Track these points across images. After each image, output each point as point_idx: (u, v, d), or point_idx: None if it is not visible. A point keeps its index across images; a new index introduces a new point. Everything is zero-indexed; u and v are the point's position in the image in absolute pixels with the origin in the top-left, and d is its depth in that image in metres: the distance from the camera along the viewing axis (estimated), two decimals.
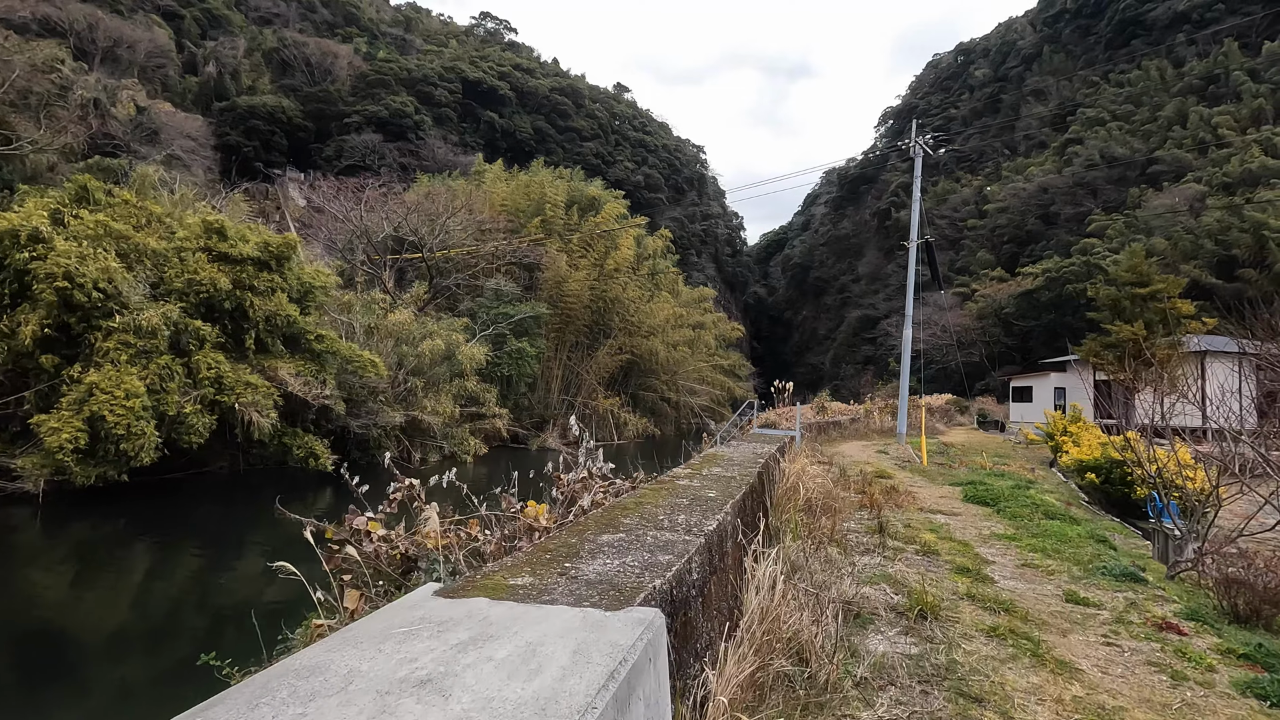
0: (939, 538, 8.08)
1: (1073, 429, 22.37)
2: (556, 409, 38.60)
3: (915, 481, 12.71)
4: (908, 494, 10.63)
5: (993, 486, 11.51)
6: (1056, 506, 10.04)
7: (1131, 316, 23.07)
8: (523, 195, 40.42)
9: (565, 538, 3.63)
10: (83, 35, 62.61)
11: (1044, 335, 66.53)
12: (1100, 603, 5.98)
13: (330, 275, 23.25)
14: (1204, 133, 77.48)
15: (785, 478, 8.78)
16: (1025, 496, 10.48)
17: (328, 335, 21.17)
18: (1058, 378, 35.74)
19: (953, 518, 9.35)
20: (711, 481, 5.87)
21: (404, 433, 26.99)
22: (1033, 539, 8.18)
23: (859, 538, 7.99)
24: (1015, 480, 13.52)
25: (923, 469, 14.86)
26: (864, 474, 12.68)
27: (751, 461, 7.44)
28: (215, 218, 19.87)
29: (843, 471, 12.08)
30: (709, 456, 7.86)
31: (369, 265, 31.18)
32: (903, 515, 9.35)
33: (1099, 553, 7.64)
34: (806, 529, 7.30)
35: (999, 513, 9.65)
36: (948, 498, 10.91)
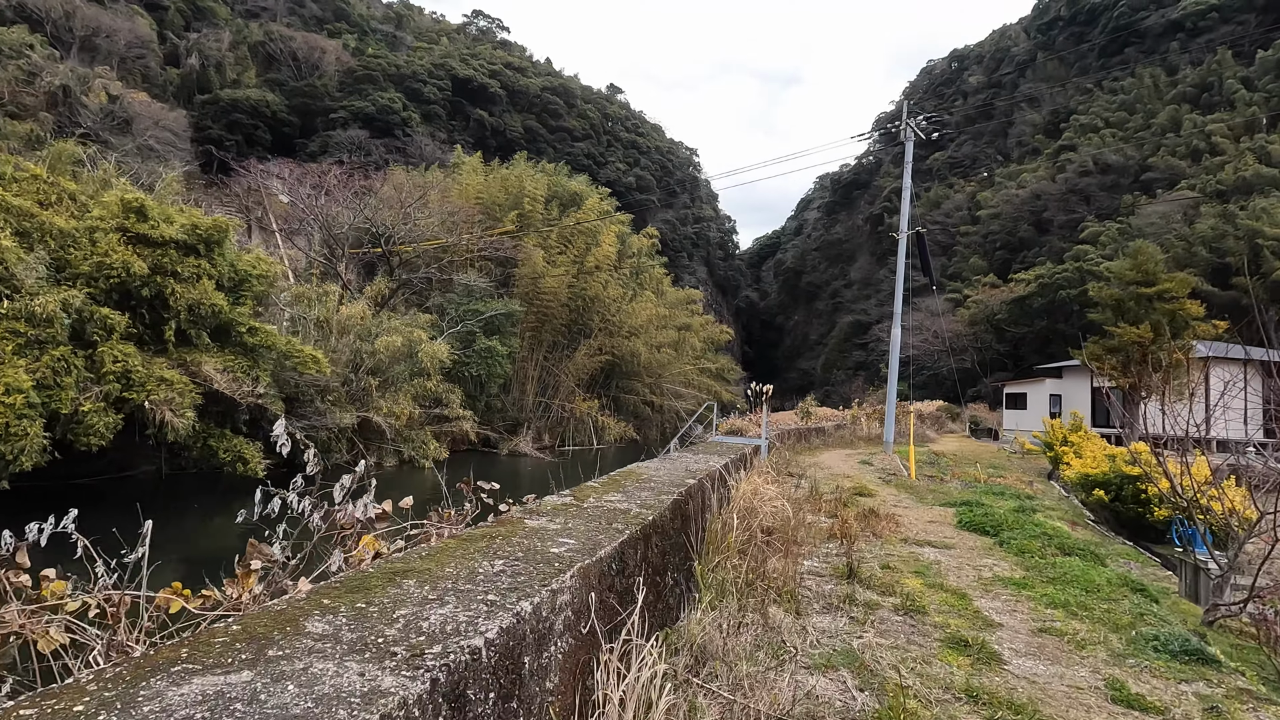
0: (927, 584, 6.06)
1: (1073, 439, 20.42)
2: (532, 412, 36.53)
3: (901, 500, 10.70)
4: (890, 518, 8.61)
5: (992, 509, 9.51)
6: (1071, 537, 8.03)
7: (1136, 318, 21.16)
8: (500, 188, 38.35)
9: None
10: (59, 23, 60.48)
11: (1036, 342, 64.91)
12: (1163, 705, 3.97)
13: (274, 264, 21.20)
14: (1198, 140, 76.16)
15: (731, 503, 6.76)
16: (1032, 523, 8.47)
17: (262, 328, 19.08)
18: (1053, 384, 33.85)
19: (945, 552, 7.34)
20: (587, 520, 3.85)
21: (359, 435, 24.90)
22: (1049, 586, 6.17)
23: (822, 584, 5.96)
24: (1016, 499, 11.52)
25: (910, 484, 12.84)
26: (840, 491, 10.68)
27: (675, 484, 5.43)
28: (135, 196, 17.82)
29: (814, 488, 10.07)
30: (623, 474, 5.84)
31: (327, 255, 29.08)
32: (882, 548, 7.33)
33: (1139, 610, 5.62)
34: (746, 579, 5.28)
35: (1002, 545, 7.64)
36: (939, 523, 8.89)
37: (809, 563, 6.66)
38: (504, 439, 32.96)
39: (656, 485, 5.35)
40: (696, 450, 8.56)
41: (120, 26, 64.29)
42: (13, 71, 48.35)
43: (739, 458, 8.92)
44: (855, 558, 6.69)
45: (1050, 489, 18.87)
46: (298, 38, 76.39)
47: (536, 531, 3.49)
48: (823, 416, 26.79)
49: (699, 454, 8.18)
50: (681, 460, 7.19)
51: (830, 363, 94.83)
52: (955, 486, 15.68)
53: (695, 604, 4.81)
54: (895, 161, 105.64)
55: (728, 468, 7.43)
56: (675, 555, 4.68)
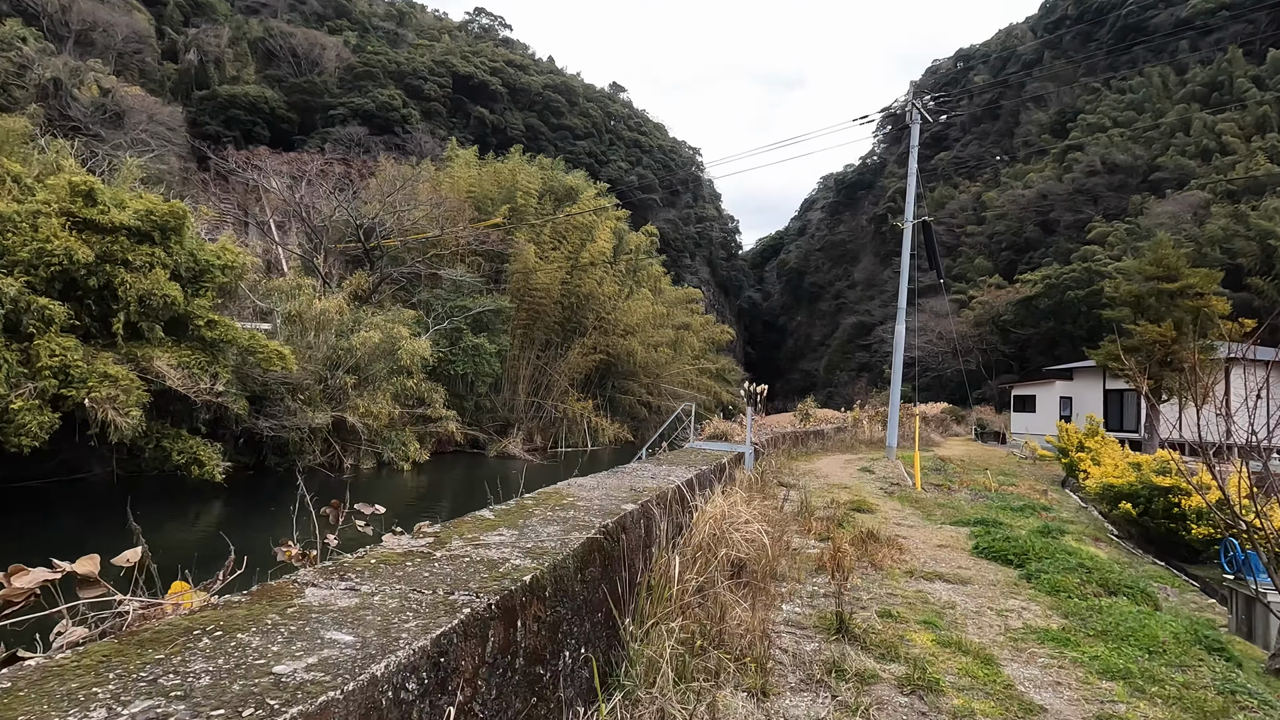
0: (940, 640, 4.61)
1: (1090, 444, 18.90)
2: (523, 412, 35.14)
3: (905, 517, 9.24)
4: (893, 542, 7.16)
5: (1012, 530, 8.04)
6: (1114, 570, 6.56)
7: (1157, 315, 19.60)
8: (492, 182, 36.95)
9: None
10: (55, 17, 59.42)
11: (1043, 343, 63.27)
12: None
13: (240, 254, 19.85)
14: (1208, 140, 74.45)
15: (691, 532, 5.33)
16: (1062, 550, 6.99)
17: (222, 321, 17.73)
18: (1064, 386, 32.27)
19: (960, 590, 5.89)
20: (421, 585, 2.43)
21: (335, 436, 23.55)
22: (1098, 642, 4.72)
23: (802, 642, 4.52)
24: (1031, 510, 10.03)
25: (915, 496, 11.35)
26: (835, 506, 9.23)
27: (605, 512, 4.01)
28: (84, 179, 16.51)
29: (804, 504, 8.61)
30: (541, 497, 4.40)
31: (308, 247, 27.71)
32: (884, 584, 5.88)
33: (1225, 682, 4.16)
34: (695, 644, 3.85)
35: (1030, 580, 6.18)
36: (951, 548, 7.43)
37: (790, 607, 5.21)
38: (493, 440, 31.55)
39: (577, 514, 3.92)
40: (661, 461, 7.12)
41: (118, 21, 63.21)
42: (3, 63, 47.28)
43: (714, 468, 7.48)
44: (849, 599, 5.25)
45: (1066, 498, 17.38)
46: (298, 34, 75.25)
47: (305, 614, 2.07)
48: (823, 419, 25.31)
49: (662, 465, 6.75)
50: (632, 475, 5.75)
51: (833, 364, 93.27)
52: (964, 497, 14.21)
53: (616, 687, 3.38)
54: (900, 162, 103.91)
55: (693, 483, 5.99)
56: (584, 623, 3.25)
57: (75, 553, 2.34)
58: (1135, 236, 68.36)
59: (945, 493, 14.24)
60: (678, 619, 3.91)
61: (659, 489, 5.01)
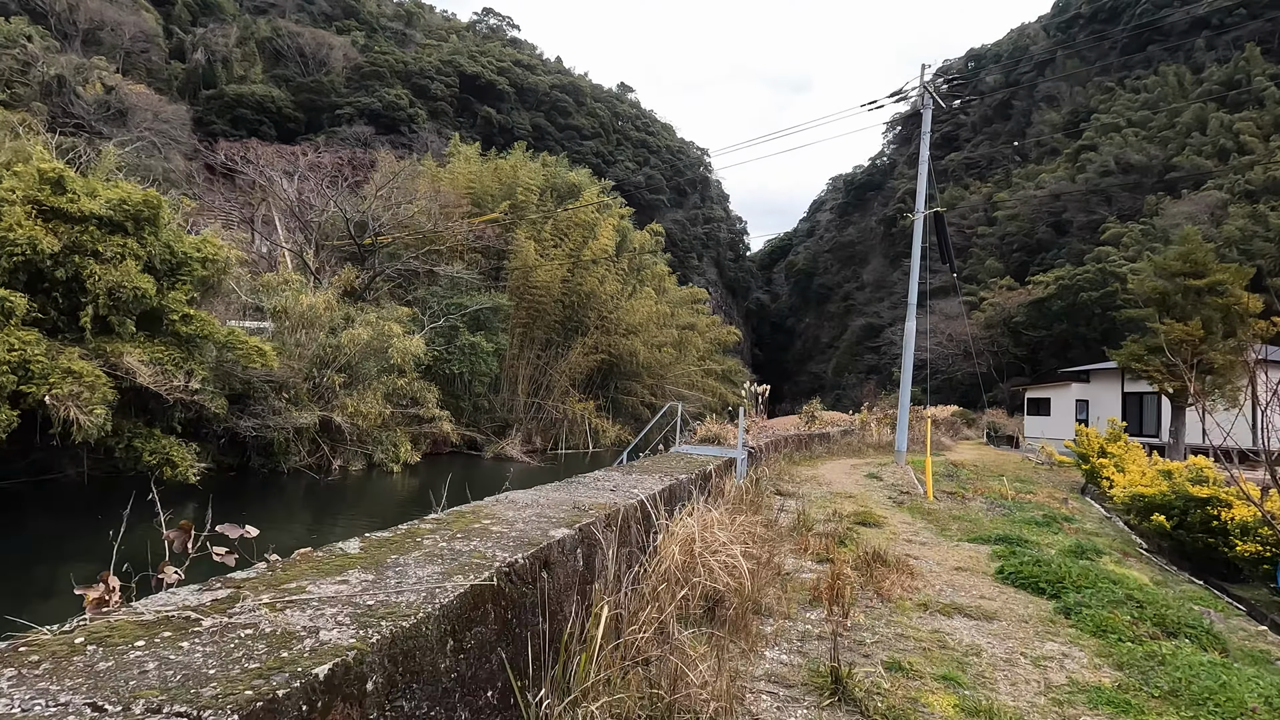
0: (965, 708, 3.56)
1: (1112, 449, 17.71)
2: (523, 413, 34.18)
3: (916, 532, 8.17)
4: (903, 564, 6.11)
5: (1039, 549, 6.96)
6: (1169, 603, 5.47)
7: (1184, 314, 18.40)
8: (493, 178, 36.04)
9: None
10: (63, 16, 59.17)
11: (1055, 346, 61.84)
12: None
13: (222, 247, 19.00)
14: (1225, 139, 72.74)
15: (658, 558, 4.31)
16: (1103, 577, 5.89)
17: (198, 316, 16.85)
18: (1080, 389, 30.98)
19: (985, 629, 4.84)
20: None
21: (324, 436, 22.66)
22: (1166, 706, 3.67)
23: (785, 712, 3.47)
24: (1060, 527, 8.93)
25: (928, 507, 10.26)
26: (838, 518, 8.17)
27: (523, 543, 3.00)
28: (53, 166, 15.71)
29: (802, 517, 7.56)
30: (450, 519, 3.39)
31: (296, 241, 26.88)
32: (892, 623, 4.83)
33: None
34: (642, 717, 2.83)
35: (1068, 615, 5.11)
36: (970, 571, 6.37)
37: (775, 653, 4.17)
38: (490, 442, 30.59)
39: (480, 546, 2.91)
40: (632, 469, 6.09)
41: (126, 20, 62.96)
42: (8, 61, 46.90)
43: (697, 477, 6.45)
44: (849, 643, 4.21)
45: (1088, 508, 16.21)
46: (305, 34, 74.82)
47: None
48: (829, 421, 24.19)
49: (632, 474, 5.72)
50: (587, 486, 4.73)
51: (841, 366, 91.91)
52: (980, 507, 13.09)
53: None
54: (910, 162, 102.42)
55: (662, 498, 4.96)
56: (459, 713, 2.25)
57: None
58: (1150, 237, 66.81)
59: (959, 502, 13.14)
60: (619, 681, 2.89)
61: (611, 507, 3.99)
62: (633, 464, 6.61)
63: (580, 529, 3.46)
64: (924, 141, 16.52)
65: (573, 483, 4.95)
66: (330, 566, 2.49)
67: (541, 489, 4.53)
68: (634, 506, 4.32)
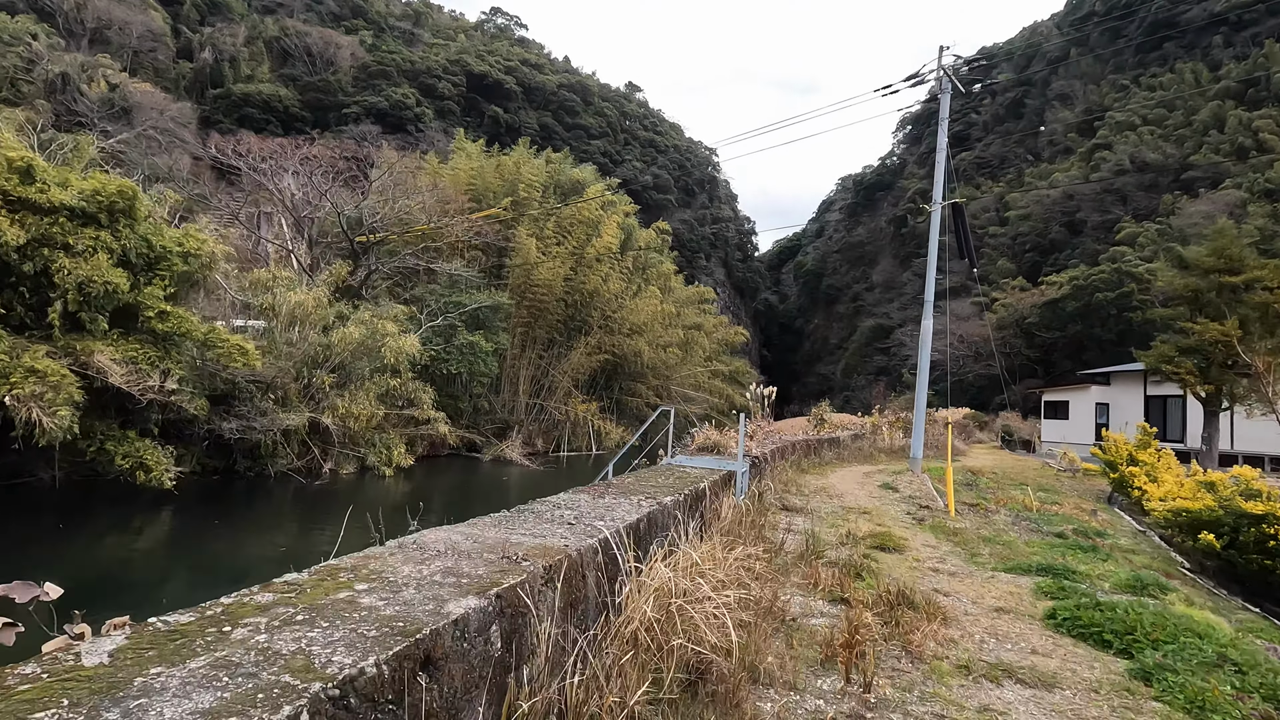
0: None
1: (1143, 457, 16.51)
2: (524, 414, 33.21)
3: (942, 557, 7.08)
4: (933, 606, 5.03)
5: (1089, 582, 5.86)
6: (1273, 666, 4.37)
7: (1218, 312, 17.16)
8: (494, 174, 35.07)
9: None
10: (70, 15, 58.78)
11: (1069, 347, 60.39)
12: None
13: (206, 241, 18.11)
14: (1243, 137, 70.93)
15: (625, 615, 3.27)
16: (1183, 627, 4.77)
17: (175, 312, 15.94)
18: (1100, 391, 29.67)
19: (1044, 699, 3.76)
20: None
21: (313, 438, 21.75)
22: None
23: None
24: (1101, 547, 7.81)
25: (952, 526, 9.14)
26: (852, 540, 7.09)
27: (405, 625, 1.99)
28: (21, 154, 14.87)
29: (811, 541, 6.49)
30: (321, 576, 2.38)
31: (286, 236, 25.99)
32: (924, 693, 3.76)
33: None
34: None
35: (1148, 680, 4.03)
36: (1013, 613, 5.28)
37: None
38: (489, 444, 29.63)
39: (323, 640, 1.88)
40: (607, 489, 5.04)
41: (133, 20, 62.54)
42: (12, 59, 46.45)
43: (687, 499, 5.40)
44: None
45: (1118, 520, 15.03)
46: (313, 33, 74.23)
47: None
48: (839, 425, 23.06)
49: (604, 497, 4.67)
50: (536, 519, 3.68)
51: (851, 367, 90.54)
52: (1005, 521, 11.98)
53: None
54: (920, 162, 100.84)
55: (632, 533, 3.92)
56: None
57: None
58: (1167, 237, 65.25)
59: (982, 515, 12.02)
60: None
61: (557, 553, 2.95)
62: (611, 482, 5.57)
63: (500, 595, 2.42)
64: (941, 128, 15.40)
65: (523, 512, 3.92)
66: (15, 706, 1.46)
67: (475, 524, 3.50)
68: (592, 550, 3.28)
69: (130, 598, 10.85)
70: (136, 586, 11.34)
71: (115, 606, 2.03)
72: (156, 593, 10.37)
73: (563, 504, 4.29)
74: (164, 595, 10.03)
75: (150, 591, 10.64)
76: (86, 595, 9.91)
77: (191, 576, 11.52)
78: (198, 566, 12.04)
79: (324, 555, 2.81)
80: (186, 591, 10.71)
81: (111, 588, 10.88)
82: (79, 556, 12.47)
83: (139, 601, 10.82)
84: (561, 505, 4.24)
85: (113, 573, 11.51)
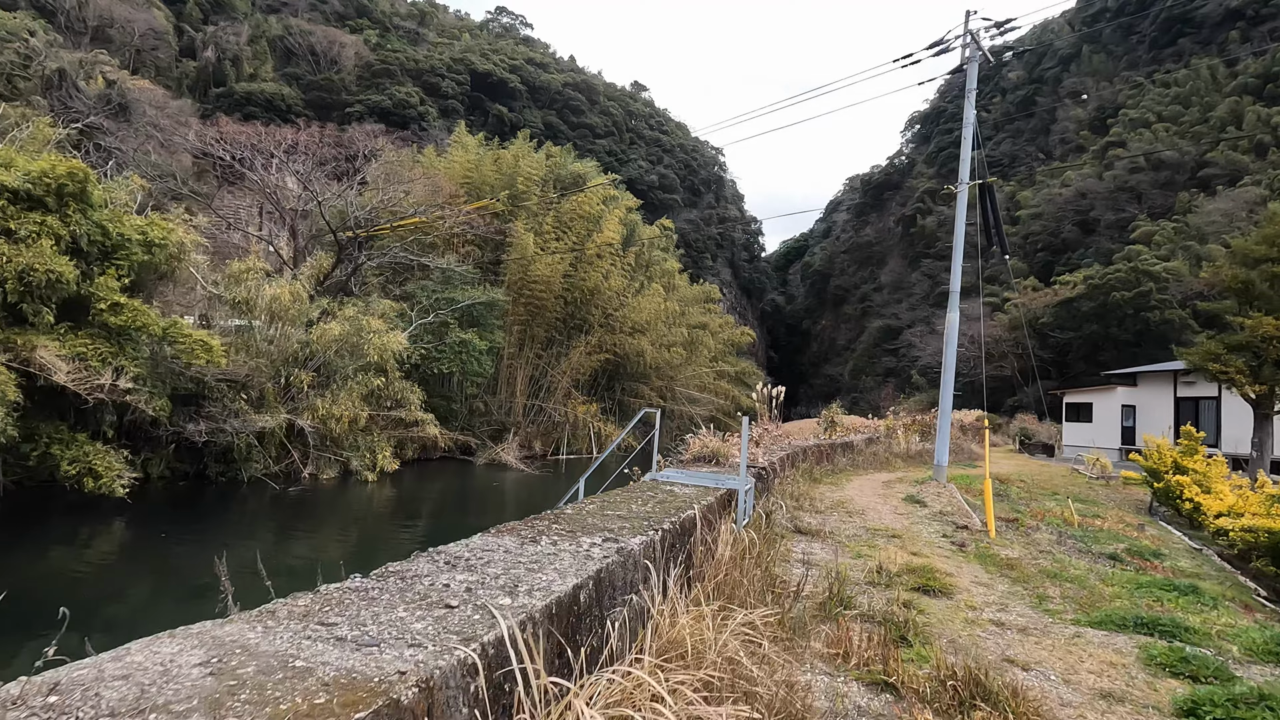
0: None
1: (1189, 464, 14.86)
2: (522, 416, 31.72)
3: (1004, 605, 5.48)
4: (1013, 690, 3.48)
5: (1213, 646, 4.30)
6: None
7: (1272, 306, 15.48)
8: (492, 167, 33.62)
9: None
10: (71, 13, 57.85)
11: (1084, 348, 58.52)
12: None
13: (173, 229, 16.72)
14: (1262, 134, 68.78)
15: None
16: None
17: (130, 305, 14.54)
18: (1125, 393, 27.88)
19: None
20: None
21: (293, 441, 20.33)
22: None
23: None
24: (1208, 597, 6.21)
25: (1002, 555, 7.53)
26: (884, 577, 5.54)
27: None
28: None
29: (835, 583, 4.94)
30: None
31: (261, 229, 24.63)
32: None
33: None
34: None
35: None
36: (1129, 704, 3.71)
37: None
38: (484, 446, 28.15)
39: None
40: (553, 522, 3.50)
41: (136, 18, 61.57)
42: (9, 55, 45.47)
43: (669, 534, 3.86)
44: None
45: (1166, 534, 13.37)
46: (317, 32, 73.19)
47: None
48: (851, 428, 21.43)
49: (543, 539, 3.14)
50: (378, 601, 2.14)
51: (858, 369, 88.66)
52: (1048, 538, 10.37)
53: None
54: (928, 162, 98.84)
55: (555, 618, 2.38)
56: None
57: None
58: (1184, 235, 63.34)
59: (1022, 533, 10.43)
60: None
61: (377, 698, 1.43)
62: (563, 513, 4.02)
63: None
64: (968, 100, 13.82)
65: (377, 584, 2.38)
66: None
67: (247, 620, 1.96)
68: (462, 673, 1.74)
69: (42, 623, 9.41)
70: (49, 608, 9.92)
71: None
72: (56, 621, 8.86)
73: (463, 560, 2.75)
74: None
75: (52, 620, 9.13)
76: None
77: (101, 610, 10.02)
78: (114, 594, 10.56)
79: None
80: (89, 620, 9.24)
81: (30, 609, 9.43)
82: (8, 574, 11.04)
83: (48, 627, 9.36)
84: (459, 563, 2.70)
85: (35, 592, 10.07)
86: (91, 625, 8.73)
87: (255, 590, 3.90)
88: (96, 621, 9.27)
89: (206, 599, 10.94)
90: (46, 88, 45.90)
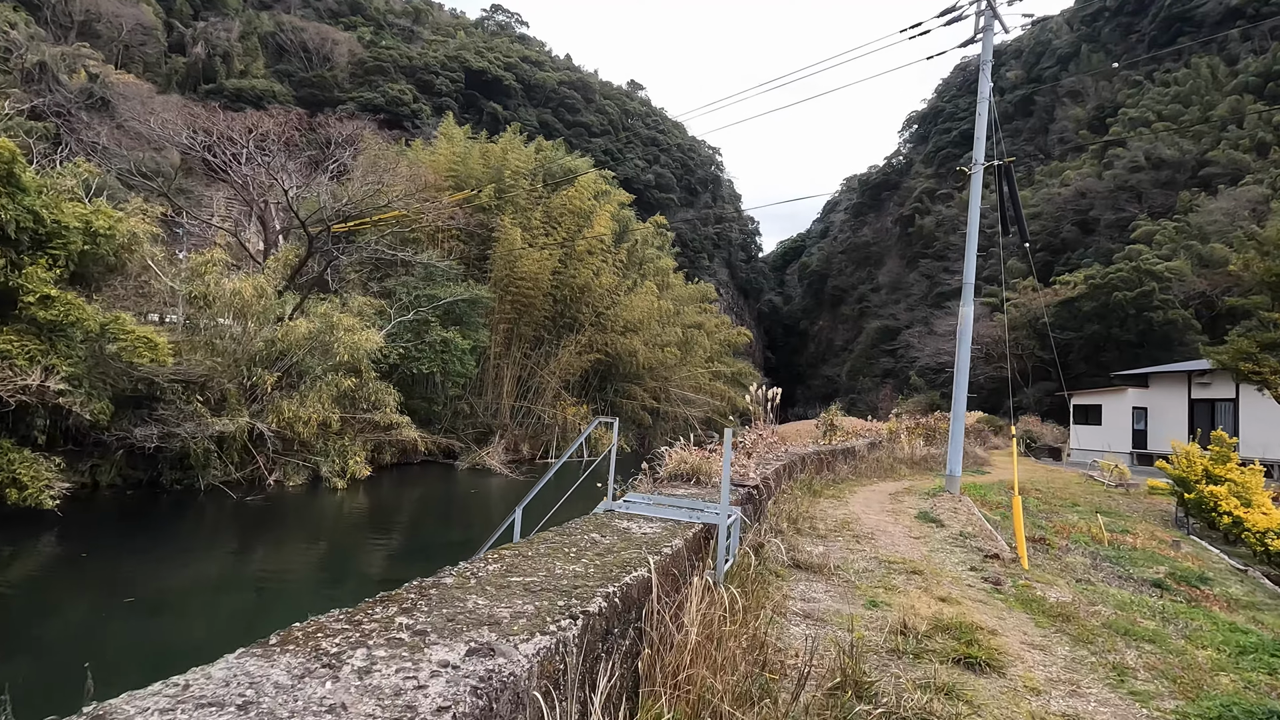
0: None
1: (1223, 472, 13.49)
2: (509, 418, 30.29)
3: (1073, 686, 4.10)
4: None
5: None
6: None
7: None
8: (479, 160, 32.21)
9: None
10: (57, 7, 56.41)
11: (1086, 348, 57.17)
12: None
13: (120, 218, 15.31)
14: (1264, 133, 67.59)
15: None
16: None
17: (62, 298, 13.14)
18: (1136, 395, 26.56)
19: None
20: None
21: (258, 446, 18.91)
22: None
23: None
24: None
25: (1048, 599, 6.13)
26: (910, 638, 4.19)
27: None
28: None
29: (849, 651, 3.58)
30: None
31: (228, 220, 23.20)
32: None
33: None
34: None
35: None
36: None
37: None
38: (467, 450, 26.74)
39: None
40: (415, 622, 2.12)
41: (124, 13, 60.12)
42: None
43: (608, 612, 2.46)
44: None
45: (1203, 552, 11.98)
46: (309, 29, 71.76)
47: None
48: (851, 431, 20.04)
49: (355, 653, 1.71)
50: None
51: (856, 370, 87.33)
52: (1081, 561, 9.00)
53: None
54: (926, 161, 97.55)
55: None
56: None
57: None
58: (1185, 235, 62.11)
59: (1052, 556, 9.04)
60: None
61: None
62: (446, 580, 2.61)
63: None
64: (983, 73, 12.45)
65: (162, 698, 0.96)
66: None
67: None
68: None
69: None
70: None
71: None
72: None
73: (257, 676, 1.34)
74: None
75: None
76: None
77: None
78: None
79: None
80: None
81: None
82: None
83: None
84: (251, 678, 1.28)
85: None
86: None
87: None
88: None
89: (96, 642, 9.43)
90: (26, 80, 44.47)
